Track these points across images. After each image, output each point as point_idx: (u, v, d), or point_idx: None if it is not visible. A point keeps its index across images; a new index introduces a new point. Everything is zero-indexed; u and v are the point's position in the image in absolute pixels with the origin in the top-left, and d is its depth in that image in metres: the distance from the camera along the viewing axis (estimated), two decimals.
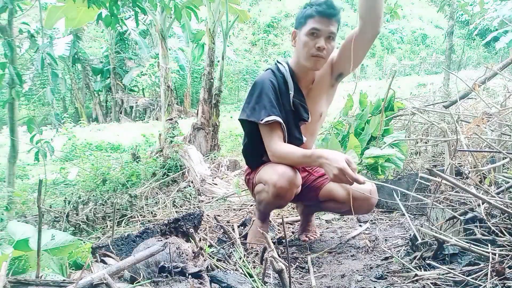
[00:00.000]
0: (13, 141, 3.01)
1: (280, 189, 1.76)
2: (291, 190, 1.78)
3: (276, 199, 1.82)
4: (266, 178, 1.82)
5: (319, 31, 1.72)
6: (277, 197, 1.80)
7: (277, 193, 1.77)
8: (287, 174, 1.76)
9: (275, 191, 1.77)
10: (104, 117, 17.84)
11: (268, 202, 1.86)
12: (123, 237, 1.55)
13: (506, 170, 2.10)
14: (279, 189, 1.76)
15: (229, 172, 4.40)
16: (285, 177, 1.75)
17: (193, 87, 17.78)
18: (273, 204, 1.89)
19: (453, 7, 7.73)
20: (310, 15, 1.73)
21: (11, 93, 2.85)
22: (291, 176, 1.76)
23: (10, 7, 2.73)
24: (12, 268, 1.21)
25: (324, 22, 1.71)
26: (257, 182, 1.92)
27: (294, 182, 1.77)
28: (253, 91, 1.85)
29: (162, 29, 4.94)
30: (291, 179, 1.76)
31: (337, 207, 1.96)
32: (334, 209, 2.05)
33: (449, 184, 1.66)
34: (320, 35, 1.73)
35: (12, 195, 2.96)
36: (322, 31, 1.72)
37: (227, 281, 1.30)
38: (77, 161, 6.38)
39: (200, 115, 5.25)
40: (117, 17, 2.99)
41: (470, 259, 1.42)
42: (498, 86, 5.43)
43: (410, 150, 3.45)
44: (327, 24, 1.71)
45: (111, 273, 1.10)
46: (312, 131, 1.98)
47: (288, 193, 1.79)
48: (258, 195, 1.91)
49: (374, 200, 1.86)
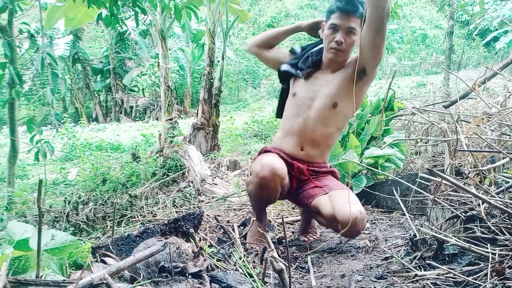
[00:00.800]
0: (13, 141, 3.01)
1: (262, 179, 1.78)
2: (274, 180, 1.79)
3: (259, 190, 1.84)
4: (252, 168, 1.88)
5: (338, 26, 1.83)
6: (261, 188, 1.82)
7: (260, 184, 1.80)
8: (269, 164, 1.79)
9: (258, 181, 1.81)
10: (104, 117, 17.83)
11: (254, 195, 1.89)
12: (123, 237, 1.55)
13: (506, 170, 2.09)
14: (261, 179, 1.79)
15: (229, 172, 4.40)
16: (267, 167, 1.78)
17: (193, 87, 17.77)
18: (260, 197, 1.88)
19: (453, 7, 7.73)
20: (332, 11, 1.85)
21: (11, 93, 2.84)
22: (273, 167, 1.78)
23: (10, 7, 2.73)
24: (12, 268, 1.21)
25: (343, 18, 1.82)
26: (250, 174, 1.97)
27: (276, 172, 1.78)
28: None
29: (162, 29, 4.94)
30: (273, 169, 1.78)
31: (323, 222, 1.92)
32: (321, 223, 2.00)
33: (449, 184, 1.66)
34: (339, 29, 1.83)
35: (12, 195, 2.96)
36: (341, 26, 1.82)
37: (227, 281, 1.30)
38: (77, 161, 6.38)
39: (200, 115, 5.24)
40: (117, 17, 2.99)
41: (470, 259, 1.42)
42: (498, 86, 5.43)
43: (410, 150, 3.45)
44: (346, 19, 1.81)
45: (111, 273, 1.10)
46: (324, 119, 1.92)
47: (270, 184, 1.80)
48: (248, 188, 1.95)
49: (362, 226, 1.77)
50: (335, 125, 1.96)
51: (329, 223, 1.85)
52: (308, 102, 1.95)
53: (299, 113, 1.96)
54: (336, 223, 1.76)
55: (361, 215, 1.75)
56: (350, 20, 1.81)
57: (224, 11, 5.15)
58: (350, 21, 1.81)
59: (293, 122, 1.98)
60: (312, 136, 1.94)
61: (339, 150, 2.74)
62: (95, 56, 18.61)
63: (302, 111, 1.95)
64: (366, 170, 2.81)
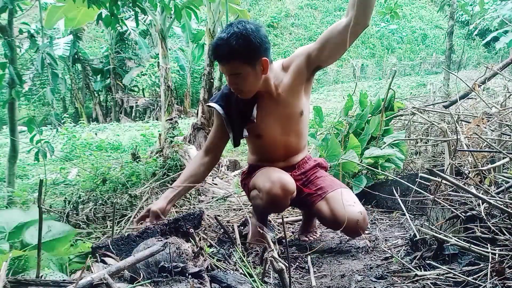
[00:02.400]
0: (13, 141, 3.01)
1: (274, 197, 1.74)
2: (286, 197, 1.77)
3: (270, 207, 1.82)
4: (260, 185, 1.80)
5: (224, 72, 1.77)
6: (272, 205, 1.79)
7: (271, 201, 1.76)
8: (281, 181, 1.74)
9: (269, 198, 1.75)
10: (104, 117, 17.83)
11: (263, 209, 1.86)
12: (123, 237, 1.55)
13: (506, 170, 2.09)
14: (273, 197, 1.74)
15: (229, 172, 4.40)
16: (279, 185, 1.73)
17: (193, 87, 17.76)
18: (269, 211, 1.90)
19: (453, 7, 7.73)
20: None
21: (11, 93, 2.84)
22: (284, 183, 1.74)
23: (10, 7, 2.73)
24: (12, 268, 1.21)
25: (220, 66, 1.75)
26: (252, 187, 1.91)
27: (288, 189, 1.75)
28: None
29: (162, 29, 4.94)
30: (284, 186, 1.74)
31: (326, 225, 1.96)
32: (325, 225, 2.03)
33: (449, 184, 1.66)
34: (227, 76, 1.76)
35: (12, 195, 2.96)
36: (226, 73, 1.75)
37: (227, 281, 1.30)
38: (77, 161, 6.38)
39: (200, 115, 5.24)
40: (117, 17, 2.98)
41: (470, 259, 1.42)
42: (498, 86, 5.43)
43: (410, 150, 3.45)
44: (222, 66, 1.73)
45: (111, 273, 1.10)
46: (297, 131, 1.91)
47: (283, 201, 1.78)
48: (253, 201, 1.90)
49: (364, 226, 1.78)
50: (305, 126, 1.96)
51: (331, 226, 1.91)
52: (277, 130, 1.88)
53: (271, 143, 1.92)
54: (339, 226, 1.77)
55: (361, 216, 1.76)
56: (226, 66, 1.70)
57: (224, 11, 5.14)
58: (229, 67, 1.70)
59: (267, 149, 1.95)
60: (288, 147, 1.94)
61: (339, 150, 2.73)
62: (95, 56, 18.61)
63: (274, 141, 1.91)
64: (366, 170, 2.81)
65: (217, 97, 1.93)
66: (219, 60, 1.71)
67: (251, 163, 2.06)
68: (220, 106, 1.88)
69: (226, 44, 1.64)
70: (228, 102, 1.88)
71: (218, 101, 1.90)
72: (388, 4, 5.78)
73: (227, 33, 1.65)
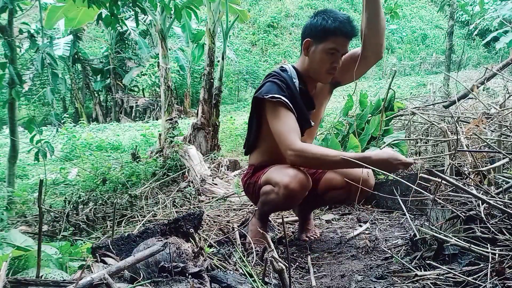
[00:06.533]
0: (13, 141, 3.02)
1: (292, 191, 1.73)
2: (303, 192, 1.77)
3: (286, 201, 1.79)
4: (277, 179, 1.77)
5: (339, 52, 1.75)
6: (288, 199, 1.77)
7: (289, 195, 1.74)
8: (299, 176, 1.74)
9: (287, 193, 1.73)
10: (104, 117, 17.82)
11: (277, 204, 1.84)
12: (123, 237, 1.54)
13: (506, 170, 2.10)
14: (291, 191, 1.73)
15: (229, 172, 4.41)
16: (297, 179, 1.73)
17: (193, 87, 17.76)
18: (282, 206, 1.89)
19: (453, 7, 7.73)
20: (333, 33, 1.71)
21: (11, 93, 2.85)
22: (303, 178, 1.74)
23: (10, 7, 2.73)
24: (12, 268, 1.21)
25: (345, 43, 1.75)
26: (264, 183, 1.88)
27: (306, 184, 1.76)
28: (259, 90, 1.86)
29: (162, 29, 4.94)
30: (303, 181, 1.74)
31: (337, 194, 1.95)
32: (334, 199, 2.05)
33: (449, 184, 1.67)
34: (339, 54, 1.76)
35: (12, 195, 2.96)
36: (341, 51, 1.75)
37: (227, 281, 1.30)
38: (77, 161, 6.38)
39: (200, 115, 5.25)
40: (117, 17, 2.99)
41: (470, 259, 1.42)
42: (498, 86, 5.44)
43: (410, 150, 3.45)
44: (347, 44, 1.76)
45: (111, 273, 1.10)
46: (312, 135, 2.04)
47: (299, 195, 1.78)
48: (265, 196, 1.86)
49: (372, 180, 1.87)
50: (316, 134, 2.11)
51: (343, 190, 1.89)
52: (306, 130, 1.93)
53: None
54: (350, 185, 1.79)
55: (369, 170, 1.81)
56: (349, 44, 1.76)
57: (224, 11, 5.15)
58: (348, 45, 1.77)
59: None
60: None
61: (339, 150, 2.74)
62: (95, 56, 18.61)
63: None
64: None
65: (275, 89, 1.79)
66: (351, 35, 1.73)
67: (256, 164, 2.01)
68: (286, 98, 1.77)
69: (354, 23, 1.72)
70: (290, 92, 1.81)
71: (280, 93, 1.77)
72: (388, 4, 5.79)
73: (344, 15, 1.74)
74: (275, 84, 1.81)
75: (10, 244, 1.42)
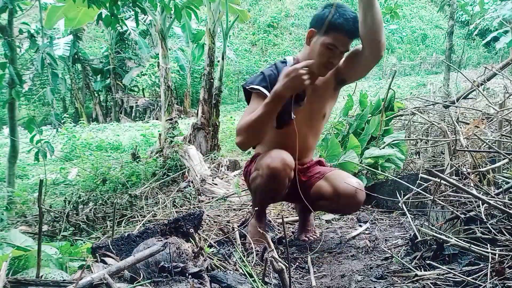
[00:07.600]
0: (13, 141, 3.02)
1: (274, 170, 1.76)
2: (285, 170, 1.78)
3: (269, 181, 1.80)
4: (260, 163, 1.84)
5: (337, 49, 1.75)
6: (271, 179, 1.79)
7: (271, 174, 1.77)
8: (281, 155, 1.79)
9: (269, 172, 1.77)
10: (104, 117, 17.81)
11: (262, 188, 1.85)
12: (123, 237, 1.55)
13: (506, 170, 2.09)
14: (272, 170, 1.76)
15: (229, 172, 4.40)
16: (278, 158, 1.78)
17: (193, 87, 17.76)
18: (268, 189, 1.86)
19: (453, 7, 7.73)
20: (335, 29, 1.71)
21: (11, 93, 2.85)
22: (283, 157, 1.78)
23: (10, 7, 2.73)
24: (12, 268, 1.21)
25: (345, 41, 1.75)
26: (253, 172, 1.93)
27: (287, 163, 1.78)
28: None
29: (162, 29, 4.94)
30: (283, 159, 1.78)
31: (326, 205, 1.98)
32: (324, 208, 2.10)
33: (449, 185, 1.67)
34: (337, 51, 1.76)
35: (12, 195, 2.96)
36: (341, 49, 1.76)
37: (227, 281, 1.30)
38: (77, 161, 6.38)
39: (200, 115, 5.24)
40: (117, 17, 2.98)
41: (470, 259, 1.42)
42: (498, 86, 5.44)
43: (410, 150, 3.45)
44: (348, 42, 1.76)
45: (111, 273, 1.10)
46: (316, 131, 2.03)
47: (281, 174, 1.78)
48: (253, 183, 1.90)
49: (361, 196, 1.86)
50: (321, 131, 2.08)
51: (331, 202, 1.91)
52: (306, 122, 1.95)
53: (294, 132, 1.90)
54: (338, 198, 1.84)
55: (359, 185, 1.85)
56: (349, 43, 1.77)
57: (224, 11, 5.14)
58: (349, 44, 1.77)
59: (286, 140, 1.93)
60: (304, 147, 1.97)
61: (339, 150, 2.73)
62: (95, 56, 18.60)
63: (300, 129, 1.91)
64: (366, 170, 2.81)
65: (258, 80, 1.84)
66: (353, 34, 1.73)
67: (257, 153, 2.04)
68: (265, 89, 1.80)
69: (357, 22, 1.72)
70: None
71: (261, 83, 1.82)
72: (388, 4, 5.79)
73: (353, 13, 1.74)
74: (261, 75, 1.87)
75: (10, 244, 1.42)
